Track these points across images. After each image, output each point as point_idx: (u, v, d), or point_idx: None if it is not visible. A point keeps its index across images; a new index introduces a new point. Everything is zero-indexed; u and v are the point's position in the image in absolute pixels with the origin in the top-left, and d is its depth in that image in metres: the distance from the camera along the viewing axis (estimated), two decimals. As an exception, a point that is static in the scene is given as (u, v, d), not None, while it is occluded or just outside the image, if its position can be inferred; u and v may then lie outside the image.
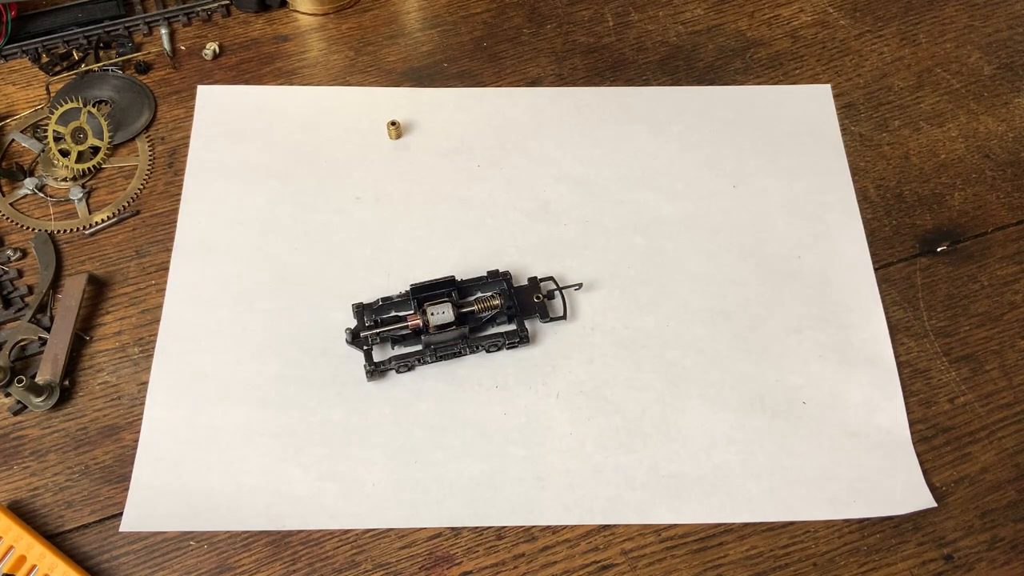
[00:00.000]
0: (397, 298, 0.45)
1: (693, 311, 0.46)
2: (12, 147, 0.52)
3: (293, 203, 0.50)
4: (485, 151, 0.52)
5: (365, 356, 0.44)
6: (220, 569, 0.40)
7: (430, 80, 0.54)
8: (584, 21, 0.57)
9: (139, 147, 0.52)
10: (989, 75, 0.55)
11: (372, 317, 0.45)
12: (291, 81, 0.54)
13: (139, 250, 0.48)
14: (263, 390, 0.44)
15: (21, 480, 0.42)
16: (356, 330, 0.44)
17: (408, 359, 0.44)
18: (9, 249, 0.48)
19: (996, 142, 0.53)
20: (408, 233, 0.49)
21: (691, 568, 0.41)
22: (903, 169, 0.52)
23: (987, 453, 0.43)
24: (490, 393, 0.44)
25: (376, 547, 0.41)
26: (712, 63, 0.56)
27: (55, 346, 0.44)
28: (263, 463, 0.42)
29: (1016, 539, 0.41)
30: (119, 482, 0.42)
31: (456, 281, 0.45)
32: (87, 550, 0.41)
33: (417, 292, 0.45)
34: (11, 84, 0.54)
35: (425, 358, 0.44)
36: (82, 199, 0.50)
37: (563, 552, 0.41)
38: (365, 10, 0.58)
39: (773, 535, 0.41)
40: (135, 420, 0.43)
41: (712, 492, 0.42)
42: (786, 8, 0.58)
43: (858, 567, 0.40)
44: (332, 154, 0.51)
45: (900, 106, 0.54)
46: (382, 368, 0.44)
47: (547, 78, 0.55)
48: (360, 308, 0.45)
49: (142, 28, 0.56)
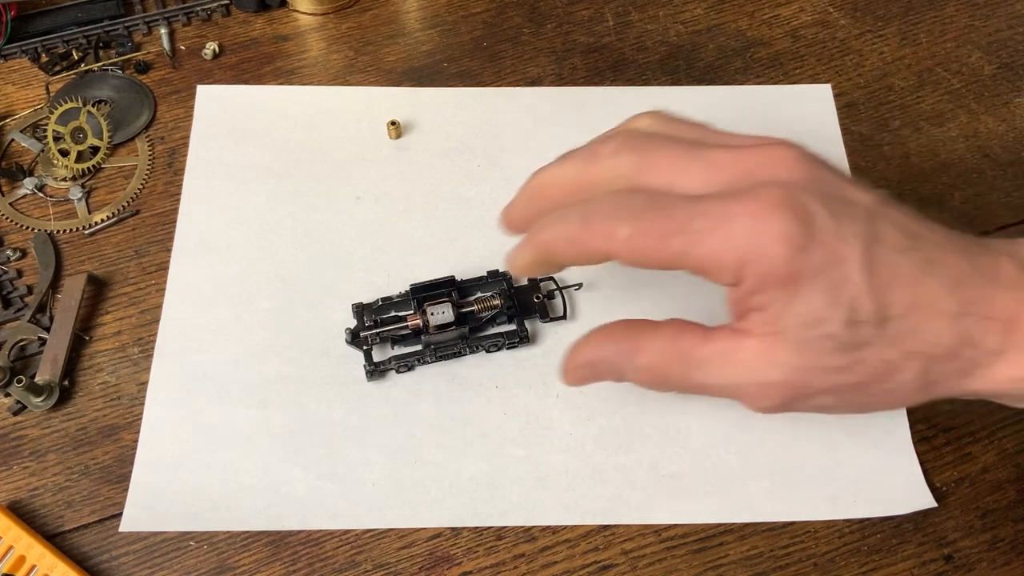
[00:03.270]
0: (397, 298, 0.45)
1: (694, 311, 0.46)
2: (12, 147, 0.52)
3: (293, 203, 0.50)
4: (485, 151, 0.52)
5: (365, 356, 0.44)
6: (220, 569, 0.40)
7: (430, 80, 0.54)
8: (584, 21, 0.57)
9: (139, 147, 0.52)
10: (990, 75, 0.55)
11: (372, 317, 0.45)
12: (291, 81, 0.54)
13: (139, 250, 0.48)
14: (263, 390, 0.44)
15: (21, 480, 0.42)
16: (356, 330, 0.44)
17: (408, 359, 0.44)
18: (9, 249, 0.48)
19: (997, 142, 0.53)
20: (408, 233, 0.49)
21: (691, 568, 0.41)
22: (903, 169, 0.52)
23: (987, 453, 0.43)
24: (490, 393, 0.44)
25: (376, 547, 0.41)
26: (712, 63, 0.56)
27: (55, 346, 0.44)
28: (263, 463, 0.42)
29: (1016, 539, 0.41)
30: (119, 482, 0.42)
31: (456, 281, 0.45)
32: (87, 550, 0.41)
33: (417, 292, 0.45)
34: (11, 84, 0.54)
35: (425, 358, 0.44)
36: (82, 199, 0.50)
37: (563, 552, 0.41)
38: (365, 10, 0.58)
39: (773, 535, 0.41)
40: (135, 420, 0.43)
41: (712, 492, 0.42)
42: (786, 8, 0.58)
43: (858, 567, 0.40)
44: (332, 154, 0.51)
45: (900, 106, 0.54)
46: (382, 368, 0.44)
47: (547, 78, 0.55)
48: (360, 308, 0.45)
49: (142, 28, 0.56)
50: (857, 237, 0.31)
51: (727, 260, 0.31)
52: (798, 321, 0.32)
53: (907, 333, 0.32)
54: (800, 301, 0.31)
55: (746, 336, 0.33)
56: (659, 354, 0.35)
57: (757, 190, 0.31)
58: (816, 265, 0.31)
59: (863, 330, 0.32)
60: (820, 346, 0.32)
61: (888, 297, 0.32)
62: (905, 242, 0.32)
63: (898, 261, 0.32)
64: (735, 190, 0.32)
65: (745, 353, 0.33)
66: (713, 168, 0.33)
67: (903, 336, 0.32)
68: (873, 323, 0.32)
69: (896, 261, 0.32)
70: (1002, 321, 0.32)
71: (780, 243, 0.31)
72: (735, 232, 0.31)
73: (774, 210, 0.31)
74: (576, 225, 0.33)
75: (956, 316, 0.32)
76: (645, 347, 0.35)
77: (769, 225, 0.31)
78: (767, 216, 0.31)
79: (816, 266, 0.31)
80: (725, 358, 0.34)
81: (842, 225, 0.31)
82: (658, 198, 0.33)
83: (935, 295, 0.32)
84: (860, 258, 0.31)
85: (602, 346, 0.36)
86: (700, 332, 0.34)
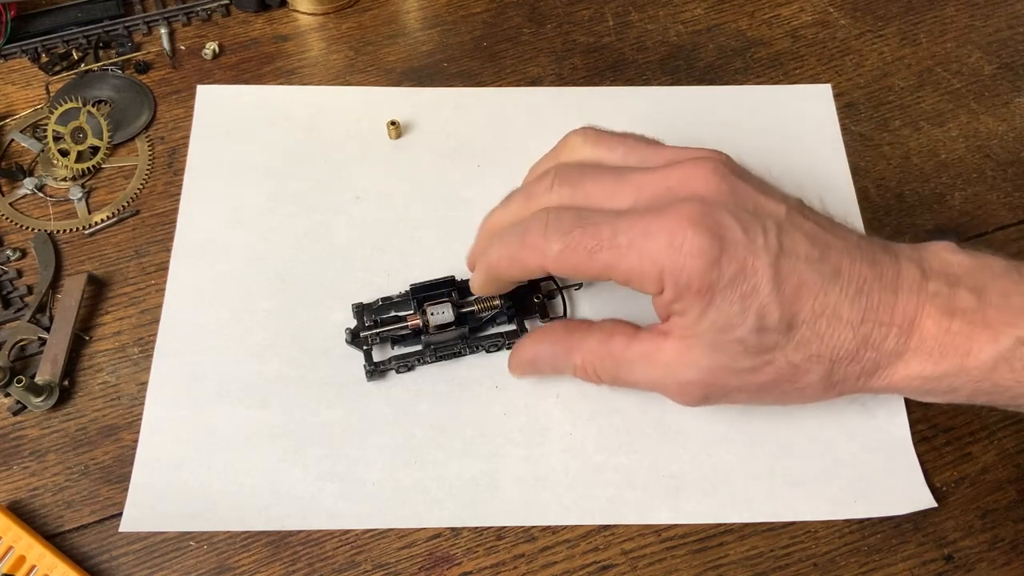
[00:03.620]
0: (397, 298, 0.45)
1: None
2: (12, 147, 0.52)
3: (293, 203, 0.50)
4: (486, 151, 0.52)
5: (365, 356, 0.44)
6: (220, 569, 0.40)
7: (430, 80, 0.54)
8: (584, 21, 0.57)
9: (139, 147, 0.52)
10: (990, 75, 0.55)
11: (372, 317, 0.45)
12: (291, 81, 0.54)
13: (139, 250, 0.48)
14: (263, 390, 0.44)
15: (20, 480, 0.42)
16: (356, 330, 0.44)
17: (408, 359, 0.44)
18: (8, 249, 0.48)
19: (997, 142, 0.53)
20: (408, 233, 0.49)
21: (691, 568, 0.41)
22: (903, 169, 0.52)
23: (987, 453, 0.43)
24: (490, 393, 0.44)
25: (376, 547, 0.41)
26: (712, 63, 0.56)
27: (55, 346, 0.44)
28: (263, 463, 0.42)
29: (1016, 539, 0.41)
30: (118, 482, 0.42)
31: (456, 281, 0.45)
32: (87, 550, 0.41)
33: (417, 292, 0.45)
34: (11, 84, 0.54)
35: (425, 358, 0.44)
36: (82, 199, 0.50)
37: (563, 552, 0.41)
38: (365, 10, 0.58)
39: (773, 535, 0.41)
40: (134, 420, 0.43)
41: (712, 492, 0.42)
42: (786, 8, 0.58)
43: (858, 567, 0.40)
44: (332, 154, 0.51)
45: (900, 106, 0.54)
46: (382, 368, 0.44)
47: (547, 78, 0.55)
48: (360, 308, 0.45)
49: (142, 28, 0.56)
50: (767, 250, 0.34)
51: (648, 272, 0.35)
52: (712, 327, 0.35)
53: (811, 339, 0.35)
54: (714, 309, 0.34)
55: (666, 338, 0.37)
56: (590, 354, 0.39)
57: (676, 206, 0.34)
58: (728, 277, 0.34)
59: (771, 336, 0.35)
60: (731, 350, 0.35)
61: (794, 307, 0.35)
62: (813, 252, 0.35)
63: (805, 272, 0.35)
64: (656, 206, 0.35)
65: (665, 354, 0.37)
66: (638, 189, 0.36)
67: (808, 341, 0.35)
68: (780, 330, 0.35)
69: (803, 272, 0.35)
70: (900, 326, 0.35)
71: (695, 257, 0.34)
72: (654, 247, 0.34)
73: (689, 226, 0.34)
74: (514, 245, 0.37)
75: (858, 323, 0.35)
76: (578, 347, 0.39)
77: (685, 240, 0.34)
78: (683, 232, 0.34)
79: (728, 278, 0.34)
80: (648, 358, 0.37)
81: (753, 239, 0.34)
82: (586, 215, 0.36)
83: (838, 304, 0.35)
84: (769, 270, 0.34)
85: (541, 345, 0.41)
86: (628, 333, 0.38)
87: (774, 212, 0.36)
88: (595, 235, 0.35)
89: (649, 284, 0.35)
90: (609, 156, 0.39)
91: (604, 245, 0.35)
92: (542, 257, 0.36)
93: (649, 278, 0.35)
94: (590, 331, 0.39)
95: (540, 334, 0.41)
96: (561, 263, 0.36)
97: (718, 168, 0.36)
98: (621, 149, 0.39)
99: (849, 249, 0.36)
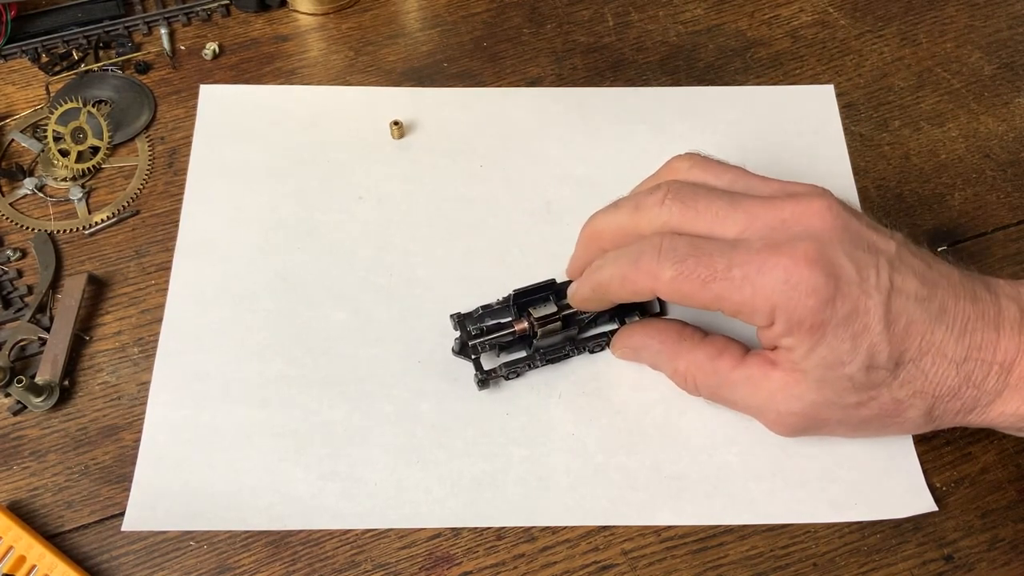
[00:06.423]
0: (496, 305, 0.45)
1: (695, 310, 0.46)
2: (12, 147, 0.51)
3: (295, 203, 0.50)
4: (487, 151, 0.52)
5: (475, 365, 0.44)
6: (220, 569, 0.40)
7: (430, 80, 0.54)
8: (584, 21, 0.57)
9: (139, 147, 0.52)
10: (989, 75, 0.55)
11: (475, 326, 0.44)
12: (291, 81, 0.54)
13: (139, 250, 0.48)
14: (265, 390, 0.44)
15: (21, 480, 0.42)
16: (463, 340, 0.44)
17: (517, 365, 0.44)
18: (9, 249, 0.48)
19: (996, 142, 0.53)
20: (411, 233, 0.49)
21: (691, 568, 0.41)
22: (903, 169, 0.52)
23: (987, 453, 0.43)
24: (492, 393, 0.44)
25: (376, 547, 0.41)
26: (712, 63, 0.56)
27: (55, 346, 0.44)
28: (264, 463, 0.42)
29: (1016, 539, 0.41)
30: (119, 482, 0.42)
31: (555, 284, 0.44)
32: (87, 550, 0.41)
33: (519, 297, 0.44)
34: (11, 84, 0.53)
35: (535, 362, 0.44)
36: (82, 199, 0.50)
37: (563, 552, 0.41)
38: (365, 10, 0.58)
39: (773, 535, 0.41)
40: (135, 420, 0.43)
41: (713, 493, 0.42)
42: (786, 8, 0.58)
43: (858, 567, 0.41)
44: (335, 154, 0.51)
45: (900, 106, 0.54)
46: (493, 376, 0.44)
47: (547, 78, 0.55)
48: (459, 317, 0.44)
49: (142, 28, 0.56)
50: (879, 290, 0.35)
51: (761, 306, 0.35)
52: (821, 363, 0.35)
53: (917, 376, 0.36)
54: (824, 346, 0.35)
55: (774, 368, 0.37)
56: (695, 365, 0.40)
57: (792, 243, 0.35)
58: (841, 316, 0.34)
59: (878, 373, 0.35)
60: (839, 385, 0.36)
61: (903, 345, 0.35)
62: (922, 291, 0.36)
63: (914, 311, 0.35)
64: (771, 240, 0.35)
65: (771, 383, 0.37)
66: (751, 218, 0.36)
67: (913, 379, 0.36)
68: (888, 368, 0.35)
69: (912, 311, 0.35)
70: (1002, 364, 0.36)
71: (810, 296, 0.34)
72: (769, 282, 0.35)
73: (806, 265, 0.34)
74: (627, 267, 0.37)
75: (961, 361, 0.36)
76: (686, 356, 0.40)
77: (801, 278, 0.34)
78: (799, 270, 0.34)
79: (841, 317, 0.34)
80: (752, 383, 0.38)
81: (866, 278, 0.35)
82: (700, 243, 0.36)
83: (944, 342, 0.35)
84: (880, 309, 0.35)
85: (652, 340, 0.42)
86: (737, 356, 0.39)
87: (885, 249, 0.36)
88: (709, 265, 0.35)
89: (759, 318, 0.36)
90: (716, 182, 0.39)
91: (718, 276, 0.35)
92: (654, 281, 0.36)
93: (760, 312, 0.35)
94: (701, 344, 0.40)
95: (653, 329, 0.42)
96: (673, 289, 0.36)
97: (832, 205, 0.36)
98: (728, 176, 0.39)
99: (953, 286, 0.36)
